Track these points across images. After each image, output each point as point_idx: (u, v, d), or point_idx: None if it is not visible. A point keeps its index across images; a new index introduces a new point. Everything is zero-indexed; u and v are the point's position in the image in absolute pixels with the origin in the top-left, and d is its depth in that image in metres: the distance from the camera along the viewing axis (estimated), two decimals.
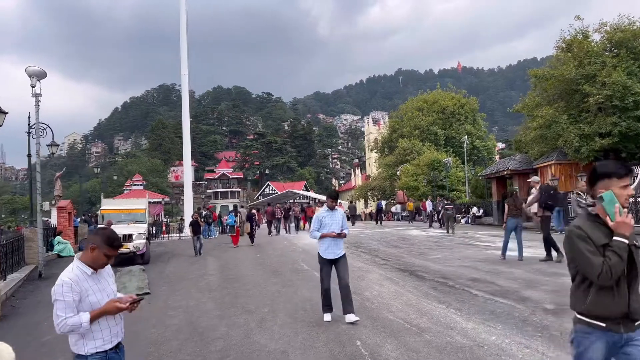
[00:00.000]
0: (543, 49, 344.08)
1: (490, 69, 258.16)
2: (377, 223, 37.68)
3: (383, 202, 51.58)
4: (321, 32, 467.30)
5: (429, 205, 28.68)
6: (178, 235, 30.10)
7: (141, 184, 59.87)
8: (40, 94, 14.53)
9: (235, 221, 21.58)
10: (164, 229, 33.28)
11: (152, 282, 12.49)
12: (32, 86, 14.44)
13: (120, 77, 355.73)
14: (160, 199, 43.98)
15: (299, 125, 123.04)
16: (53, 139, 17.83)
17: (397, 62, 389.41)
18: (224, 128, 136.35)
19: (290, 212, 26.86)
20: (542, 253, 11.99)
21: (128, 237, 16.07)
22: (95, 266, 3.08)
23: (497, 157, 53.44)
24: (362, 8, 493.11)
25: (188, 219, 29.39)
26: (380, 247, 17.07)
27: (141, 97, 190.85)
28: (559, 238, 17.83)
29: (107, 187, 76.54)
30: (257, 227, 23.26)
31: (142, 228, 16.72)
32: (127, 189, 58.77)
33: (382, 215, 41.38)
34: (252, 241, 21.04)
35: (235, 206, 40.99)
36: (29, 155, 17.08)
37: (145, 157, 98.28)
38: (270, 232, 25.56)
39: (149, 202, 47.99)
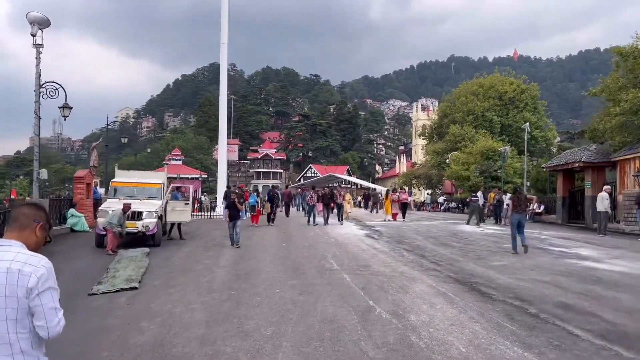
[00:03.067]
0: (606, 39, 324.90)
1: (548, 59, 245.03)
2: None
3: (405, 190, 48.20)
4: (373, 15, 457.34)
5: (481, 198, 25.28)
6: (209, 214, 28.12)
7: (180, 159, 58.58)
8: (42, 44, 12.48)
9: (256, 201, 21.45)
10: (196, 206, 31.41)
11: (149, 273, 10.26)
12: (33, 35, 12.36)
13: (174, 55, 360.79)
14: (198, 175, 42.34)
15: (345, 108, 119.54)
16: (66, 100, 15.86)
17: (450, 49, 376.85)
18: (270, 109, 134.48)
19: (334, 198, 21.14)
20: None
21: (137, 215, 13.94)
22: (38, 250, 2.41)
23: (554, 150, 49.01)
24: None
25: (220, 197, 27.37)
26: (428, 244, 14.25)
27: (192, 75, 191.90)
28: (633, 244, 14.51)
29: (154, 162, 76.28)
30: (277, 208, 22.86)
31: (155, 205, 14.55)
32: (166, 164, 57.70)
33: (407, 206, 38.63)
34: (271, 221, 21.12)
35: (273, 186, 38.81)
36: (38, 117, 15.15)
37: (191, 133, 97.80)
38: (287, 214, 25.42)
39: (188, 178, 46.50)
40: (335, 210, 21.75)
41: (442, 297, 7.58)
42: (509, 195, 24.16)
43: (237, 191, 24.28)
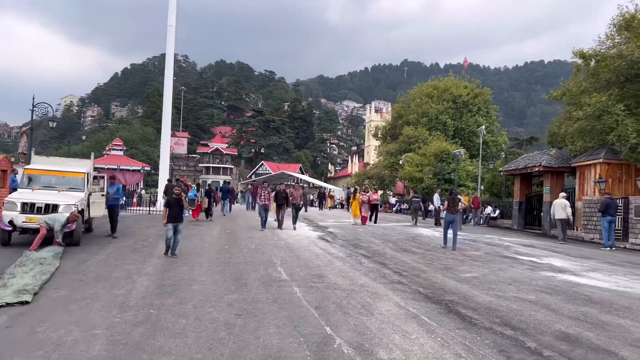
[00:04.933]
0: (550, 52, 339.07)
1: (496, 68, 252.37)
2: (347, 210, 34.93)
3: (352, 189, 47.31)
4: (331, 16, 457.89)
5: (436, 200, 24.38)
6: (148, 209, 25.77)
7: (121, 149, 55.00)
8: None
9: (196, 195, 20.46)
10: (134, 200, 28.88)
11: (54, 280, 8.28)
12: None
13: (124, 43, 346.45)
14: (140, 167, 39.47)
15: (299, 106, 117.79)
16: None
17: (403, 53, 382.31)
18: (223, 102, 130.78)
19: (290, 198, 18.25)
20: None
21: (53, 208, 11.76)
22: None
23: (503, 155, 49.30)
24: None
25: (161, 190, 25.08)
26: (387, 250, 12.82)
27: (142, 64, 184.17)
28: (599, 253, 13.79)
29: (96, 152, 71.89)
30: (214, 204, 22.50)
31: (75, 198, 12.38)
32: (106, 154, 54.07)
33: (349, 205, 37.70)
34: (208, 217, 20.41)
35: (225, 182, 36.70)
36: None
37: (138, 124, 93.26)
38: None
39: (129, 170, 43.42)
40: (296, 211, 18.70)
41: (415, 321, 6.07)
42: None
43: (179, 185, 22.26)
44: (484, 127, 34.21)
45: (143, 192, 35.36)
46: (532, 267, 10.45)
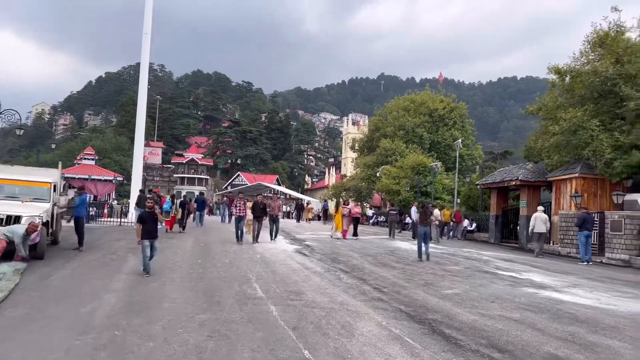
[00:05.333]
0: (522, 68, 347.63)
1: (470, 83, 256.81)
2: (323, 222, 35.42)
3: (329, 203, 47.52)
4: (309, 28, 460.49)
5: (414, 214, 24.23)
6: (119, 221, 24.94)
7: (93, 159, 53.60)
8: None
9: (171, 207, 20.23)
10: (105, 211, 28.00)
11: (13, 297, 7.77)
12: None
13: (99, 51, 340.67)
14: (112, 177, 38.34)
15: (276, 117, 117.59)
16: None
17: (380, 67, 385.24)
18: (199, 113, 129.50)
19: (268, 209, 17.05)
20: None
21: (15, 220, 11.12)
22: None
23: (477, 168, 49.73)
24: (352, 9, 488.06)
25: (133, 201, 24.32)
26: (366, 264, 12.52)
27: (117, 73, 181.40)
28: (577, 268, 13.78)
29: (67, 161, 70.03)
30: (189, 216, 22.39)
31: (39, 208, 11.75)
32: (77, 163, 52.63)
33: (328, 216, 38.09)
34: (184, 229, 20.37)
35: (200, 193, 36.08)
36: None
37: (112, 133, 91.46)
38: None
39: (100, 180, 42.35)
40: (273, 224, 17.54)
41: (398, 343, 5.75)
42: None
43: (153, 196, 21.61)
44: (460, 140, 34.43)
45: (114, 202, 34.39)
46: (513, 283, 10.28)
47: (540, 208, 18.29)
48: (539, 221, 17.43)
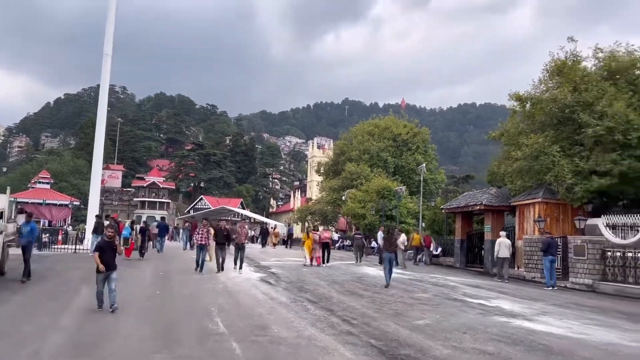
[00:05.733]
0: (481, 95, 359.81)
1: (431, 109, 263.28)
2: (287, 247, 35.23)
3: (293, 227, 47.26)
4: (274, 53, 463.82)
5: (380, 238, 24.07)
6: (74, 248, 23.71)
7: (48, 182, 51.43)
8: None
9: (130, 234, 19.50)
10: (60, 237, 26.63)
11: None
12: None
13: (58, 73, 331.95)
14: (69, 202, 36.70)
15: (241, 140, 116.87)
16: None
17: (344, 92, 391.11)
18: (162, 135, 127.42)
19: (233, 236, 15.92)
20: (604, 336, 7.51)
21: None
22: None
23: (439, 192, 50.32)
24: (317, 35, 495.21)
25: (90, 228, 23.16)
26: (334, 293, 12.12)
27: (77, 94, 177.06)
28: (543, 294, 13.80)
29: (21, 185, 67.08)
30: (149, 242, 21.88)
31: None
32: (31, 187, 50.41)
33: (292, 240, 38.10)
34: (142, 255, 19.69)
35: (162, 218, 34.99)
36: None
37: (69, 156, 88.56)
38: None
39: (55, 205, 40.53)
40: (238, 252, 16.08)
41: None
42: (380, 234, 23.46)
43: (111, 223, 20.65)
44: (424, 165, 34.78)
45: (70, 228, 32.88)
46: (483, 312, 10.08)
47: (503, 233, 18.50)
48: (503, 247, 17.65)
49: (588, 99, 18.12)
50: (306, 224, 47.21)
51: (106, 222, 21.34)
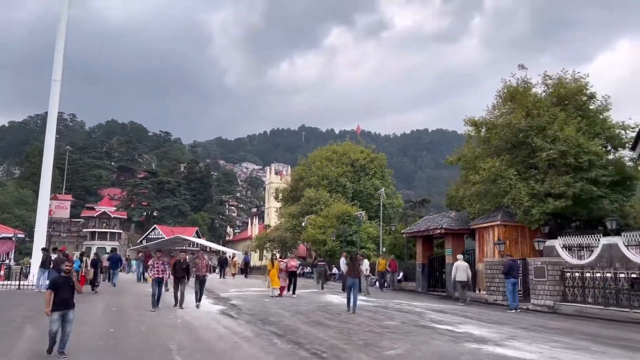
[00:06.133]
0: (432, 121, 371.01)
1: (386, 135, 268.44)
2: (245, 276, 35.07)
3: (250, 255, 46.84)
4: (229, 80, 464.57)
5: (343, 265, 23.84)
6: (17, 283, 22.17)
7: None
8: None
9: (80, 267, 18.48)
10: (2, 272, 24.92)
11: None
12: None
13: (1, 100, 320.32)
14: (12, 234, 34.67)
15: (196, 167, 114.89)
16: None
17: (301, 118, 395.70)
18: (113, 163, 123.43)
19: (192, 268, 14.88)
20: None
21: None
22: None
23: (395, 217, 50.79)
24: (272, 63, 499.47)
25: (36, 262, 21.77)
26: (300, 324, 11.67)
27: (22, 122, 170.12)
28: (508, 317, 13.89)
29: None
30: (101, 275, 21.27)
31: None
32: None
33: (249, 269, 37.77)
34: (93, 289, 19.09)
35: (114, 249, 33.48)
36: None
37: (14, 186, 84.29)
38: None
39: None
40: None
41: None
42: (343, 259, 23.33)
43: (59, 256, 19.50)
44: (383, 190, 35.04)
45: (12, 263, 30.88)
46: (454, 338, 9.90)
47: (460, 257, 18.84)
48: (460, 270, 17.97)
49: (540, 124, 18.77)
50: (269, 253, 46.60)
51: (54, 255, 20.19)
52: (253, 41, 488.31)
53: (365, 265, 21.34)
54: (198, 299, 14.68)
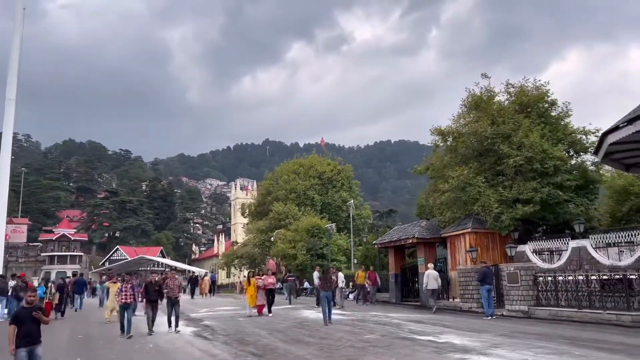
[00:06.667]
0: (394, 133, 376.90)
1: (350, 147, 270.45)
2: (212, 295, 34.66)
3: (218, 273, 46.34)
4: (191, 97, 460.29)
5: (316, 279, 23.47)
6: None
7: None
8: None
9: (45, 292, 17.56)
10: None
11: None
12: None
13: None
14: None
15: (158, 185, 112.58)
16: None
17: (265, 133, 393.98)
18: (72, 184, 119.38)
19: (164, 290, 13.88)
20: None
21: None
22: None
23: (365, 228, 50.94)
24: (234, 78, 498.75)
25: None
26: (278, 342, 11.33)
27: None
28: (486, 324, 13.84)
29: None
30: (67, 300, 20.81)
31: None
32: None
33: (216, 287, 36.98)
34: (62, 314, 18.96)
35: (74, 273, 32.10)
36: None
37: None
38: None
39: None
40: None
41: None
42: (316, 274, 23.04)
43: (19, 283, 18.50)
44: (352, 201, 35.06)
45: None
46: (437, 349, 9.77)
47: (431, 265, 19.28)
48: (431, 278, 18.31)
49: (506, 131, 19.14)
50: (243, 270, 45.94)
51: (12, 282, 19.16)
52: (214, 56, 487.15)
53: (340, 278, 21.14)
54: (176, 324, 13.70)
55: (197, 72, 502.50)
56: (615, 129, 10.00)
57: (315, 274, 22.73)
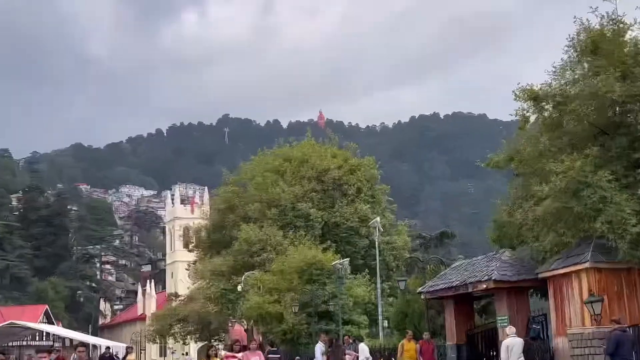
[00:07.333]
0: (441, 103, 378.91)
1: (368, 127, 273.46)
2: None
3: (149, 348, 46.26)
4: (94, 49, 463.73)
5: (318, 352, 23.64)
6: None
7: None
8: None
9: None
10: None
11: None
12: None
13: None
14: None
15: (39, 199, 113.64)
16: None
17: (221, 106, 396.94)
18: None
19: None
20: None
21: None
22: None
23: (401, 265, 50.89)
24: (167, 16, 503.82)
25: None
26: None
27: None
28: None
29: None
30: None
31: None
32: None
33: None
34: None
35: None
36: None
37: None
38: None
39: None
40: None
41: None
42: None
43: None
44: (378, 219, 35.08)
45: None
46: None
47: (512, 330, 19.00)
48: (514, 353, 18.21)
49: None
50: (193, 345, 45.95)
51: None
52: None
53: (363, 353, 21.15)
54: None
55: (105, 7, 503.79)
56: None
57: (318, 347, 22.82)
